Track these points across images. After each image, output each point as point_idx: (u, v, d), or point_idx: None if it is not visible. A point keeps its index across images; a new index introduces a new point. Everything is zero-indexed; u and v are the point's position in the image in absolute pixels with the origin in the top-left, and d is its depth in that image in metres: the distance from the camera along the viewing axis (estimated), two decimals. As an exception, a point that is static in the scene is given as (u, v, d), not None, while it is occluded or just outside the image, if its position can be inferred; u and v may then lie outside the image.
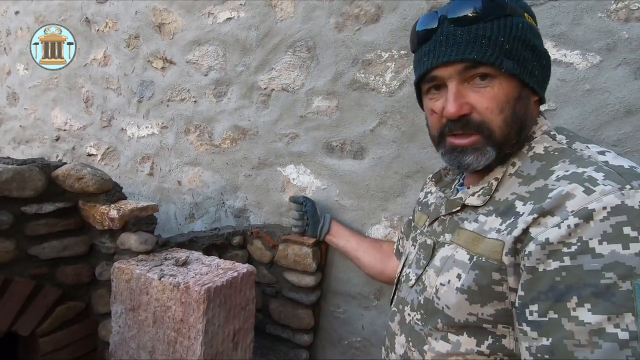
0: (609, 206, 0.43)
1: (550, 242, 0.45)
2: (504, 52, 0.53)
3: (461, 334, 0.56)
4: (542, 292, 0.45)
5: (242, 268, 0.89)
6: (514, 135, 0.57)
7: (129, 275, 0.86)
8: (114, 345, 0.91)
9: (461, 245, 0.58)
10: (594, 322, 0.41)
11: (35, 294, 0.93)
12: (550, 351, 0.44)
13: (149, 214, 1.04)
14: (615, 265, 0.41)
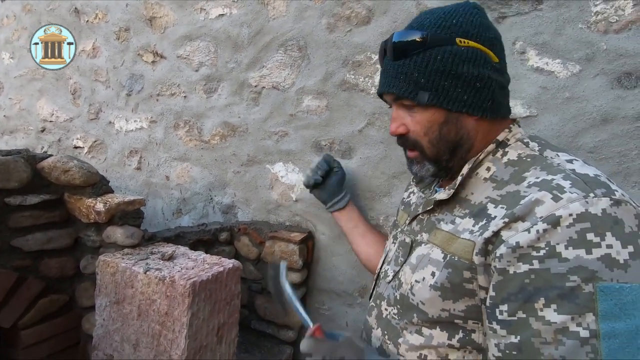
0: (574, 213, 0.46)
1: (520, 246, 0.48)
2: (419, 86, 0.60)
3: (434, 328, 0.59)
4: (512, 294, 0.48)
5: (228, 263, 0.90)
6: (445, 152, 0.63)
7: (114, 268, 0.87)
8: (98, 338, 0.91)
9: (437, 245, 0.61)
10: (559, 322, 0.44)
11: (18, 286, 0.92)
12: (518, 348, 0.47)
13: (136, 208, 1.04)
14: (580, 269, 0.44)
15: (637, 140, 0.96)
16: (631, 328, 0.42)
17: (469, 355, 0.57)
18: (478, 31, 0.61)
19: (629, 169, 0.97)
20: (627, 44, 0.96)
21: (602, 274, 0.43)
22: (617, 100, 0.97)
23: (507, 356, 0.48)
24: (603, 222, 0.45)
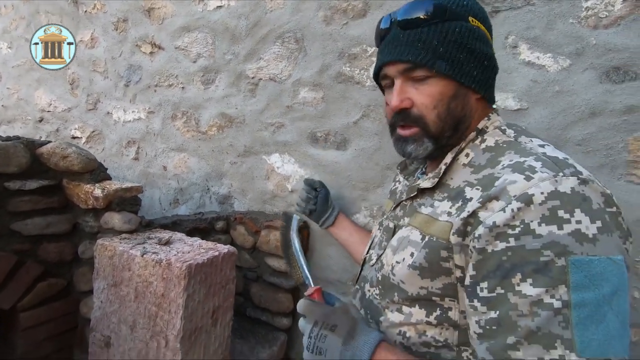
0: (545, 192, 0.48)
1: (497, 225, 0.50)
2: (437, 55, 0.59)
3: (413, 306, 0.61)
4: (490, 271, 0.50)
5: (223, 248, 0.92)
6: (449, 129, 0.63)
7: (112, 251, 0.89)
8: (95, 320, 0.93)
9: (416, 227, 0.63)
10: (534, 295, 0.46)
11: (17, 269, 0.94)
12: (497, 322, 0.48)
13: (133, 195, 1.06)
14: (552, 244, 0.46)
15: (624, 134, 0.98)
16: (598, 297, 0.44)
17: (445, 332, 0.59)
18: (484, 16, 0.65)
19: (615, 162, 0.99)
20: (616, 39, 0.98)
21: (573, 248, 0.45)
22: (605, 94, 1.00)
23: (487, 332, 0.50)
24: (572, 199, 0.47)
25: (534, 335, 0.45)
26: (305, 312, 0.62)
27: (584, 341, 0.43)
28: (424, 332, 0.60)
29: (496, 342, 0.48)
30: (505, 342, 0.47)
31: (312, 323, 0.60)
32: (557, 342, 0.44)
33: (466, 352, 0.58)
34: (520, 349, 0.46)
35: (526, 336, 0.45)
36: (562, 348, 0.43)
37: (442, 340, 0.59)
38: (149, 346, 0.84)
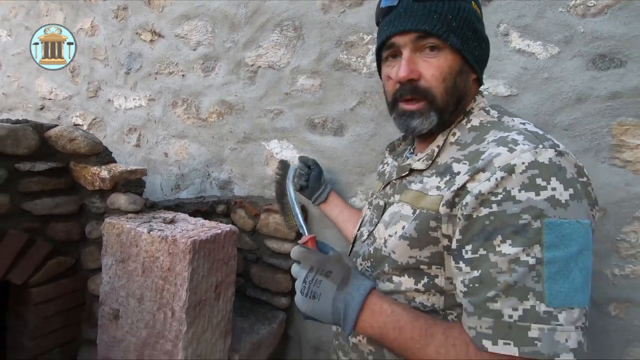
0: (526, 162, 0.52)
1: (482, 193, 0.54)
2: (451, 28, 0.62)
3: (403, 275, 0.65)
4: (475, 235, 0.55)
5: (225, 227, 0.97)
6: (452, 104, 0.66)
7: (120, 229, 0.93)
8: (104, 294, 0.98)
9: (407, 202, 0.67)
10: (512, 254, 0.51)
11: (28, 247, 0.99)
12: (479, 280, 0.53)
13: (138, 177, 1.10)
14: (530, 208, 0.51)
15: (608, 119, 1.03)
16: (567, 255, 0.50)
17: (432, 298, 0.63)
18: (480, 5, 0.69)
19: (600, 146, 1.04)
20: (603, 27, 1.02)
21: (547, 212, 0.50)
22: (591, 81, 1.04)
23: (471, 289, 0.54)
24: (549, 169, 0.52)
25: (510, 288, 0.50)
26: (300, 258, 0.64)
27: (552, 293, 0.49)
28: (413, 299, 0.65)
29: (478, 296, 0.53)
30: (485, 295, 0.52)
31: (307, 269, 0.62)
32: (530, 294, 0.49)
33: (451, 315, 0.63)
34: (498, 301, 0.51)
35: (504, 290, 0.51)
36: (534, 299, 0.49)
37: (429, 306, 0.63)
38: (156, 317, 0.89)
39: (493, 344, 0.50)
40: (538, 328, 0.48)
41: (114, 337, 0.97)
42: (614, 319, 1.05)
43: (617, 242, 1.03)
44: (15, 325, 1.05)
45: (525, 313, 0.49)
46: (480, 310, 0.52)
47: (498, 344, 0.50)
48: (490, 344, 0.51)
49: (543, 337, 0.48)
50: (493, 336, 0.51)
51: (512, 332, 0.49)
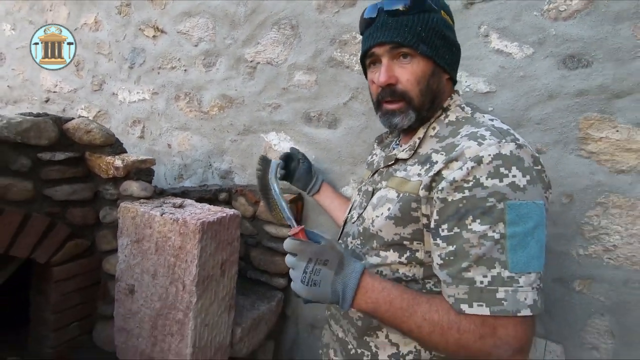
0: (492, 154, 0.62)
1: (456, 180, 0.63)
2: (420, 38, 0.72)
3: (388, 250, 0.75)
4: (450, 216, 0.64)
5: (229, 211, 1.07)
6: (428, 103, 0.76)
7: (134, 213, 1.03)
8: (120, 271, 1.09)
9: (392, 187, 0.76)
10: (481, 230, 0.60)
11: (50, 229, 1.09)
12: (454, 254, 0.63)
13: (148, 166, 1.19)
14: (495, 193, 0.60)
15: (576, 114, 1.14)
16: (525, 230, 0.59)
17: (413, 269, 0.73)
18: (450, 13, 0.79)
19: (568, 138, 1.15)
20: (572, 30, 1.12)
21: (509, 195, 0.60)
22: (561, 79, 1.14)
23: (446, 262, 0.64)
24: (510, 159, 0.61)
25: (480, 259, 0.60)
26: (296, 250, 0.68)
27: (513, 262, 0.59)
28: (397, 270, 0.74)
29: (453, 267, 0.63)
30: (460, 266, 0.62)
31: (306, 260, 0.67)
32: (496, 264, 0.59)
33: (429, 284, 0.72)
34: (471, 270, 0.61)
35: (475, 261, 0.60)
36: (500, 267, 0.59)
37: (410, 276, 0.73)
38: (168, 291, 1.00)
39: (469, 307, 0.60)
40: (504, 290, 0.58)
41: (129, 309, 1.08)
42: (578, 294, 1.17)
43: (581, 225, 1.15)
44: (37, 301, 1.15)
45: (493, 279, 0.59)
46: (456, 280, 0.62)
47: (473, 306, 0.59)
48: (467, 307, 0.60)
49: (508, 298, 0.58)
50: (469, 300, 0.60)
51: (483, 295, 0.59)
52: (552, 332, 1.20)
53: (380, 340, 0.77)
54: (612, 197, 1.11)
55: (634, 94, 1.06)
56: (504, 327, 0.58)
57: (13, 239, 1.00)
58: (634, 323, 1.11)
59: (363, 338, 0.79)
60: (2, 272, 1.15)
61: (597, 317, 1.15)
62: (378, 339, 0.77)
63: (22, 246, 1.02)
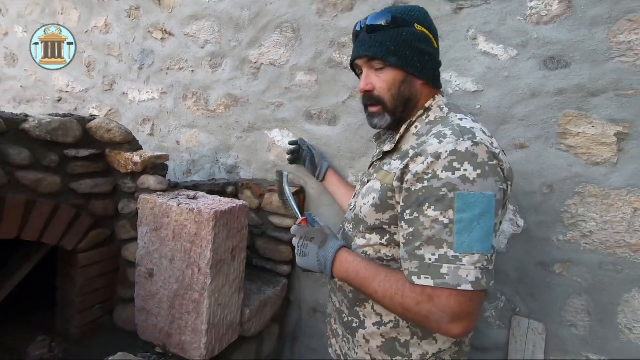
0: (448, 150, 0.71)
1: (418, 173, 0.73)
2: (389, 52, 0.82)
3: (372, 233, 0.86)
4: (412, 203, 0.74)
5: (238, 202, 1.18)
6: (400, 106, 0.87)
7: (153, 204, 1.14)
8: (140, 257, 1.20)
9: (378, 180, 0.87)
10: (434, 215, 0.70)
11: (75, 220, 1.19)
12: (412, 235, 0.73)
13: (163, 162, 1.30)
14: (448, 184, 0.69)
15: (556, 111, 1.24)
16: (471, 217, 0.68)
17: (392, 250, 0.84)
18: (428, 24, 0.88)
19: (549, 134, 1.25)
20: (553, 33, 1.22)
21: (459, 186, 0.69)
22: (542, 79, 1.24)
23: (406, 241, 0.74)
24: (464, 156, 0.70)
25: (430, 240, 0.70)
26: (295, 232, 0.93)
27: (458, 243, 0.68)
28: (379, 251, 0.86)
29: (410, 246, 0.73)
30: (414, 245, 0.72)
31: (299, 238, 0.91)
32: (444, 244, 0.69)
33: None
34: (422, 249, 0.71)
35: (426, 241, 0.70)
36: (447, 247, 0.69)
37: (390, 256, 0.85)
38: (185, 274, 1.11)
39: (418, 278, 0.70)
40: (447, 267, 0.67)
41: (149, 291, 1.19)
42: (558, 276, 1.28)
43: (561, 213, 1.25)
44: (64, 285, 1.27)
45: (440, 257, 0.69)
46: (411, 257, 0.72)
47: (421, 278, 0.70)
48: (416, 279, 0.70)
49: (450, 273, 0.67)
50: (418, 273, 0.70)
51: (430, 270, 0.69)
52: (534, 311, 1.31)
53: (367, 310, 0.89)
54: (589, 187, 1.21)
55: (608, 92, 1.16)
56: (439, 297, 0.68)
57: (44, 228, 1.11)
58: (607, 302, 1.22)
59: (354, 308, 0.92)
60: (31, 259, 1.26)
61: (575, 297, 1.26)
62: (365, 310, 0.90)
63: (52, 234, 1.13)
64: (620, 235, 1.18)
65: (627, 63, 1.14)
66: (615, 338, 1.21)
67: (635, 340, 1.18)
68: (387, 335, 0.86)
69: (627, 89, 1.14)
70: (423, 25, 0.86)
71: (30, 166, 1.07)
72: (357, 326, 0.91)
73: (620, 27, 1.14)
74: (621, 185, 1.17)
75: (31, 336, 1.23)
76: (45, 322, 1.33)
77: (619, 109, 1.15)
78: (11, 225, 1.02)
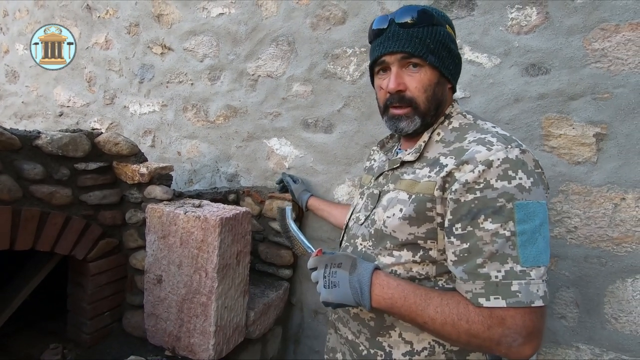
0: (500, 158, 0.66)
1: (468, 182, 0.66)
2: (429, 50, 0.76)
3: (402, 250, 0.77)
4: (463, 215, 0.67)
5: (242, 209, 1.24)
6: (433, 109, 0.80)
7: (160, 212, 1.20)
8: (149, 264, 1.25)
9: (402, 190, 0.79)
10: (493, 229, 0.64)
11: (86, 230, 1.25)
12: (468, 251, 0.66)
13: (167, 172, 1.36)
14: (504, 194, 0.64)
15: (538, 115, 1.31)
16: (533, 227, 0.63)
17: (426, 267, 0.75)
18: (453, 27, 0.85)
19: (533, 136, 1.33)
20: (533, 42, 1.30)
21: (517, 196, 0.63)
22: (525, 85, 1.32)
23: (461, 258, 0.67)
24: (517, 163, 0.65)
25: (494, 255, 0.64)
26: (315, 264, 0.79)
27: (524, 256, 0.62)
28: (410, 269, 0.76)
29: (468, 264, 0.66)
30: (475, 263, 0.65)
31: (323, 267, 0.76)
32: (509, 259, 0.63)
33: (441, 281, 0.75)
34: (485, 266, 0.64)
35: (489, 257, 0.64)
36: (512, 262, 0.63)
37: (424, 274, 0.75)
38: (192, 278, 1.17)
39: (487, 300, 0.63)
40: (517, 283, 0.61)
41: (158, 297, 1.24)
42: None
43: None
44: (75, 292, 1.31)
45: (506, 273, 0.62)
46: (472, 276, 0.65)
47: (490, 299, 0.63)
48: (485, 300, 0.63)
49: (522, 290, 0.61)
50: (485, 294, 0.63)
51: (499, 289, 0.62)
52: (526, 305, 1.37)
53: (394, 339, 0.79)
54: (572, 185, 1.29)
55: (585, 96, 1.24)
56: (512, 318, 0.61)
57: (57, 238, 1.16)
58: (594, 293, 1.28)
59: (376, 339, 0.81)
60: (43, 269, 1.31)
61: (563, 290, 1.33)
62: (391, 338, 0.79)
63: (64, 244, 1.18)
64: (602, 229, 1.25)
65: (602, 69, 1.22)
66: (602, 327, 1.27)
67: (621, 329, 1.25)
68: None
69: (603, 92, 1.22)
70: (452, 27, 0.83)
71: (43, 180, 1.12)
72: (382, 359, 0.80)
73: (595, 36, 1.22)
74: (602, 183, 1.24)
75: (44, 343, 1.28)
76: (57, 329, 1.37)
77: (597, 112, 1.23)
78: (27, 237, 1.07)
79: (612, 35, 1.20)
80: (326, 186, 1.67)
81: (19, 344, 1.30)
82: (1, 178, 1.03)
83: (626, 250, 1.23)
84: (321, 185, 1.67)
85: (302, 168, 1.71)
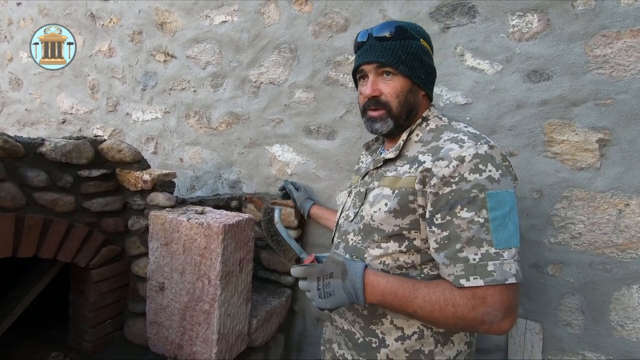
0: (471, 154, 0.74)
1: (444, 177, 0.75)
2: (400, 60, 0.86)
3: (389, 241, 0.84)
4: (442, 206, 0.75)
5: (245, 215, 1.24)
6: (405, 113, 0.90)
7: (163, 219, 1.20)
8: (151, 271, 1.24)
9: (386, 186, 0.87)
10: (469, 217, 0.72)
11: (88, 237, 1.24)
12: (448, 238, 0.74)
13: (170, 179, 1.36)
14: (477, 185, 0.72)
15: (541, 121, 1.32)
16: (503, 213, 0.72)
17: (412, 256, 0.83)
18: (429, 41, 0.94)
19: (535, 142, 1.33)
20: (534, 49, 1.31)
21: (488, 186, 0.72)
22: (527, 91, 1.32)
23: (442, 245, 0.75)
24: (486, 158, 0.74)
25: (470, 240, 0.72)
26: (305, 274, 0.82)
27: (497, 240, 0.71)
28: (397, 259, 0.84)
29: (449, 250, 0.74)
30: (455, 248, 0.73)
31: (315, 279, 0.80)
32: (484, 243, 0.71)
33: (426, 268, 0.83)
34: (464, 251, 0.72)
35: (467, 242, 0.72)
36: (487, 245, 0.71)
37: (410, 262, 0.83)
38: (195, 286, 1.16)
39: (467, 280, 0.71)
40: (492, 264, 0.69)
41: (160, 304, 1.23)
42: (552, 277, 1.33)
43: (551, 217, 1.32)
44: (77, 300, 1.31)
45: (482, 256, 0.70)
46: (453, 260, 0.73)
47: (470, 280, 0.70)
48: (465, 281, 0.71)
49: (497, 269, 0.69)
50: (465, 275, 0.71)
51: (477, 270, 0.70)
52: (531, 311, 1.37)
53: (386, 326, 0.86)
54: (575, 191, 1.28)
55: (588, 102, 1.25)
56: (492, 296, 0.69)
57: (60, 245, 1.16)
58: (599, 300, 1.27)
59: (369, 327, 0.88)
60: (45, 277, 1.31)
61: (568, 296, 1.32)
62: (383, 326, 0.87)
63: (67, 252, 1.18)
64: (607, 235, 1.25)
65: (604, 75, 1.22)
66: (608, 335, 1.26)
67: (627, 336, 1.24)
68: (412, 349, 0.84)
69: (605, 98, 1.22)
70: (427, 41, 0.92)
71: (46, 187, 1.12)
72: (377, 346, 0.87)
73: (596, 42, 1.23)
74: (605, 189, 1.24)
75: (45, 352, 1.27)
76: (58, 337, 1.36)
77: (599, 117, 1.23)
78: (30, 244, 1.07)
79: (614, 42, 1.20)
80: (328, 192, 1.67)
81: (20, 353, 1.29)
82: (5, 185, 1.03)
83: (631, 256, 1.22)
84: (323, 191, 1.67)
85: (305, 174, 1.70)
